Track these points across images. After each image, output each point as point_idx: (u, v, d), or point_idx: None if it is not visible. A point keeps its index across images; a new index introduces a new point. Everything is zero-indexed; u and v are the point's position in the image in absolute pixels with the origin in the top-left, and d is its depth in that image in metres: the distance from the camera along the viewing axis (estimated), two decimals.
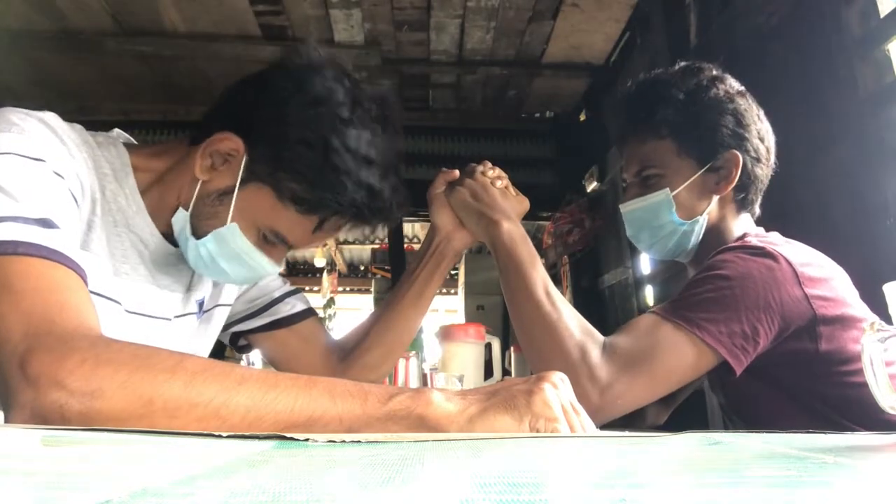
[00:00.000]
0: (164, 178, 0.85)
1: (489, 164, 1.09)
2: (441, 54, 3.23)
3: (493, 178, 1.07)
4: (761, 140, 1.08)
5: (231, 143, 0.80)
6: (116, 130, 0.88)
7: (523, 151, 3.93)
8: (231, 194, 0.81)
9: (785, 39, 1.79)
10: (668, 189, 1.06)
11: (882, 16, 1.49)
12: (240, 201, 0.81)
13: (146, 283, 0.84)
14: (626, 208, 1.13)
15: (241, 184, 0.81)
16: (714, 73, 1.09)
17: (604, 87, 3.39)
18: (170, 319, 0.87)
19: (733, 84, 1.09)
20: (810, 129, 1.61)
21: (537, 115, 3.85)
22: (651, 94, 1.10)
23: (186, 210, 0.83)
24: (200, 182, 0.82)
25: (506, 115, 3.86)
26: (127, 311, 0.79)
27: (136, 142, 0.89)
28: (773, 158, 1.10)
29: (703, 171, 1.06)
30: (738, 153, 1.05)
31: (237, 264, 0.84)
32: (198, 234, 0.83)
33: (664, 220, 1.07)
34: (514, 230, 1.01)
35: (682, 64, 1.12)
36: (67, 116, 0.80)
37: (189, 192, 0.83)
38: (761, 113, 1.10)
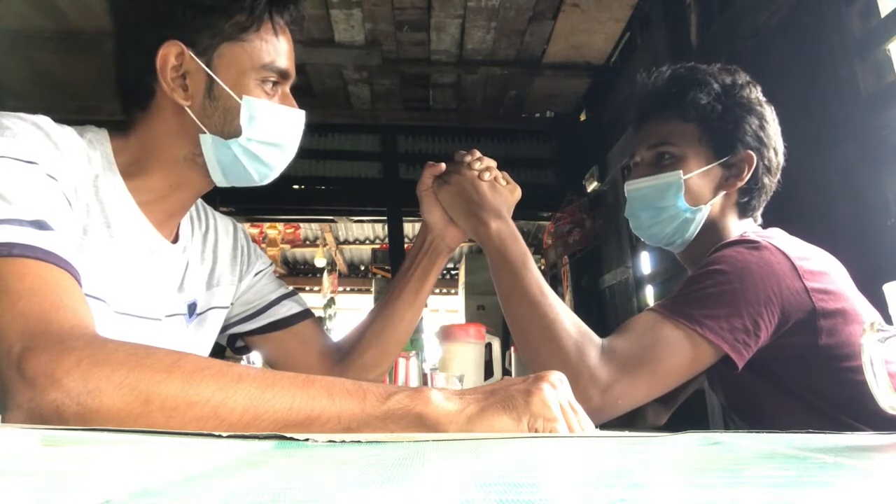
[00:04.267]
0: (146, 163, 0.84)
1: (477, 154, 1.07)
2: (441, 54, 3.23)
3: (481, 171, 1.04)
4: (776, 153, 1.09)
5: (169, 54, 0.80)
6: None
7: (524, 151, 3.93)
8: (214, 83, 0.82)
9: (785, 39, 1.78)
10: (680, 172, 1.07)
11: (882, 16, 1.49)
12: (226, 78, 0.82)
13: (137, 283, 0.83)
14: (632, 185, 1.13)
15: (209, 67, 0.81)
16: (748, 79, 1.11)
17: (604, 87, 3.39)
18: (160, 319, 0.87)
19: (761, 95, 1.11)
20: (811, 130, 1.61)
21: (538, 115, 3.85)
22: (687, 78, 1.11)
23: (205, 132, 0.83)
24: (188, 106, 0.82)
25: (506, 115, 3.86)
26: (116, 311, 0.79)
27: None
28: (779, 175, 1.11)
29: (717, 163, 1.07)
30: (753, 155, 1.06)
31: (277, 129, 0.85)
32: (229, 138, 0.84)
33: (669, 203, 1.07)
34: (503, 230, 1.00)
35: (718, 65, 1.13)
36: (67, 116, 0.80)
37: (190, 127, 0.83)
38: (780, 131, 1.11)
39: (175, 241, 0.92)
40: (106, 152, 0.82)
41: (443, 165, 1.08)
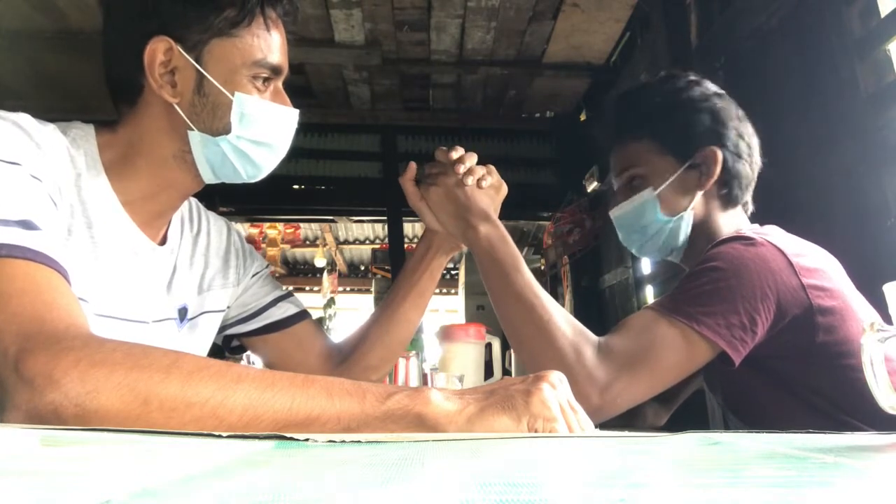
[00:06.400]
0: (133, 160, 0.83)
1: (460, 151, 1.03)
2: (441, 54, 3.22)
3: (465, 176, 1.01)
4: (741, 137, 1.10)
5: (157, 49, 0.79)
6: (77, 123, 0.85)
7: (523, 151, 3.93)
8: (204, 79, 0.80)
9: (785, 39, 1.78)
10: (651, 188, 1.09)
11: (882, 16, 1.49)
12: (216, 75, 0.80)
13: (120, 286, 0.81)
14: (615, 213, 1.16)
15: (199, 63, 0.80)
16: (692, 77, 1.13)
17: (604, 87, 3.39)
18: (146, 323, 0.85)
19: (710, 87, 1.13)
20: (811, 129, 1.61)
21: (538, 115, 3.84)
22: (630, 101, 1.15)
23: (193, 129, 0.81)
24: (177, 103, 0.80)
25: (506, 115, 3.85)
26: (97, 314, 0.77)
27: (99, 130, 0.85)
28: (756, 157, 1.12)
29: (683, 168, 1.08)
30: (716, 149, 1.07)
31: (268, 127, 0.84)
32: (218, 135, 0.82)
33: (650, 220, 1.10)
34: (492, 233, 0.99)
35: (662, 73, 1.17)
36: (68, 116, 0.80)
37: (179, 123, 0.81)
38: (741, 113, 1.12)
39: (163, 242, 0.90)
40: (90, 150, 0.80)
41: (413, 165, 1.06)
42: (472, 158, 1.03)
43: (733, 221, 1.10)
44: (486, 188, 1.03)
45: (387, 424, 0.56)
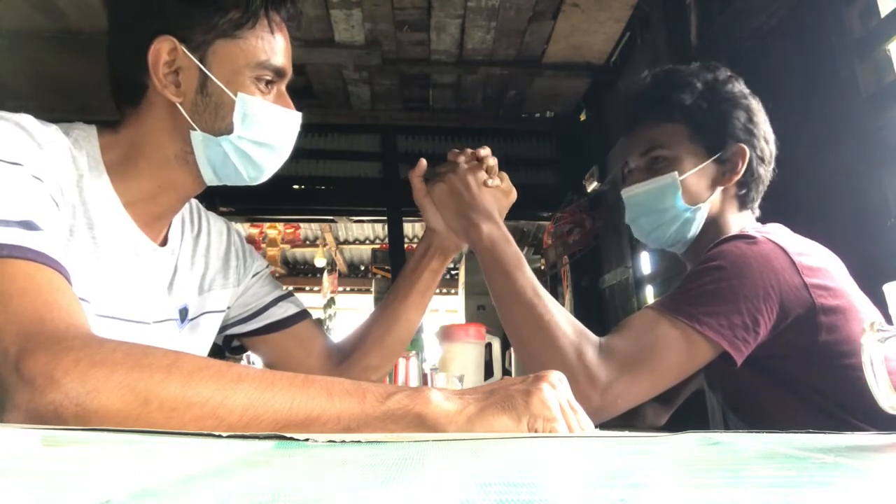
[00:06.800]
0: (135, 161, 0.83)
1: (469, 152, 1.05)
2: (441, 54, 3.23)
3: (472, 168, 1.03)
4: (767, 142, 1.10)
5: (161, 49, 0.79)
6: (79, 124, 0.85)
7: (524, 151, 3.93)
8: (208, 79, 0.80)
9: (785, 39, 1.78)
10: (675, 173, 1.07)
11: (882, 16, 1.49)
12: (219, 75, 0.80)
13: (121, 286, 0.81)
14: (629, 192, 1.13)
15: (203, 63, 0.80)
16: (730, 73, 1.12)
17: (604, 87, 3.39)
18: (148, 323, 0.85)
19: (744, 86, 1.12)
20: (811, 129, 1.61)
21: (538, 115, 3.84)
22: (669, 81, 1.11)
23: (195, 129, 0.81)
24: (180, 104, 0.81)
25: (506, 115, 3.85)
26: (98, 314, 0.77)
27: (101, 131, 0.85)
28: (773, 164, 1.11)
29: (711, 159, 1.07)
30: (746, 147, 1.06)
31: (270, 128, 0.84)
32: (220, 135, 0.82)
33: (668, 205, 1.08)
34: (494, 232, 0.99)
35: (699, 63, 1.14)
36: (68, 116, 0.80)
37: (181, 123, 0.81)
38: (767, 119, 1.12)
39: (164, 243, 0.90)
40: (93, 151, 0.81)
41: (423, 162, 1.07)
42: (487, 152, 1.05)
43: (742, 223, 1.10)
44: (494, 190, 1.04)
45: (387, 424, 0.56)
